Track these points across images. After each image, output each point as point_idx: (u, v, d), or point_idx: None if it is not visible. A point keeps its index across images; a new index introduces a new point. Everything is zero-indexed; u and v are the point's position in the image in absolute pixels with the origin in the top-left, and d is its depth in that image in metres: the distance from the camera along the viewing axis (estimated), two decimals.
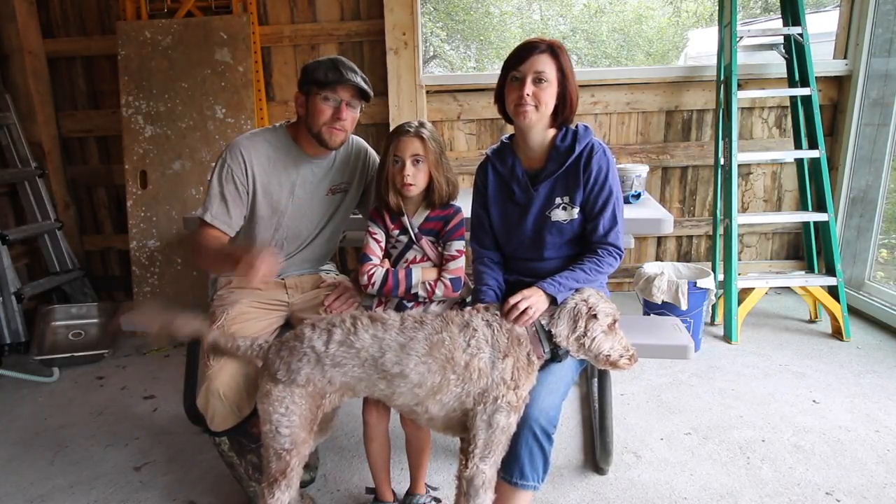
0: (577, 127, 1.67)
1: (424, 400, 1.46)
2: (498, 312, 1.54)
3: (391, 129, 2.98)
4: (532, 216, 1.68)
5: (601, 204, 1.62)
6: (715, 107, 3.45)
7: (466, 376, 1.44)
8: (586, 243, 1.68)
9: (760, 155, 3.37)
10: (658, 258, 3.81)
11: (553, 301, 1.54)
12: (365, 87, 1.78)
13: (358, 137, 2.03)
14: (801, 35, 3.04)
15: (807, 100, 3.09)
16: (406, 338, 1.45)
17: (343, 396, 1.53)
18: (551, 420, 1.44)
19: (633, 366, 1.56)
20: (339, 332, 1.47)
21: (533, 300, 1.52)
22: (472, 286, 1.78)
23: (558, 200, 1.65)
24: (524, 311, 1.50)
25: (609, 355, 1.52)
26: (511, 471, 1.45)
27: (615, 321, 1.54)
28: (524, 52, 1.58)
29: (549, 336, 1.52)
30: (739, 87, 3.18)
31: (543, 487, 1.54)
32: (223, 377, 1.64)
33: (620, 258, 1.65)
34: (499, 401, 1.42)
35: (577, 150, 1.61)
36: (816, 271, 3.30)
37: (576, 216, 1.65)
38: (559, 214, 1.66)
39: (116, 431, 2.39)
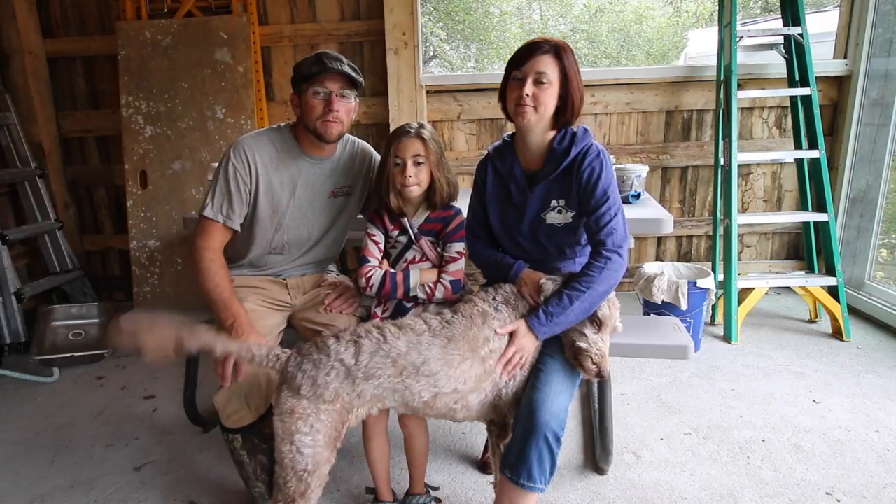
0: (576, 129, 1.66)
1: (466, 395, 1.49)
2: (505, 290, 1.61)
3: (391, 129, 2.98)
4: (528, 218, 1.67)
5: (593, 206, 1.58)
6: (715, 107, 3.46)
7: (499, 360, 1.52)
8: (590, 244, 1.67)
9: (760, 155, 3.37)
10: (658, 258, 3.81)
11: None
12: (352, 73, 1.76)
13: (363, 142, 2.02)
14: (801, 35, 3.04)
15: (807, 100, 3.09)
16: (444, 339, 1.46)
17: (371, 410, 1.49)
18: (561, 424, 1.44)
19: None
20: (368, 342, 1.42)
21: (523, 345, 1.54)
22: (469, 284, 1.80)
23: (553, 203, 1.64)
24: (517, 363, 1.55)
25: None
26: (519, 472, 1.44)
27: None
28: (527, 53, 1.57)
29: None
30: (739, 87, 3.18)
31: None
32: (247, 375, 1.63)
33: (620, 257, 1.55)
34: (523, 371, 1.54)
35: (573, 152, 1.60)
36: (816, 271, 3.30)
37: (570, 219, 1.64)
38: (554, 217, 1.65)
39: (116, 431, 2.39)
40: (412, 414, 1.61)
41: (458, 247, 1.74)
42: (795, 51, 3.13)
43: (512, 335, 1.54)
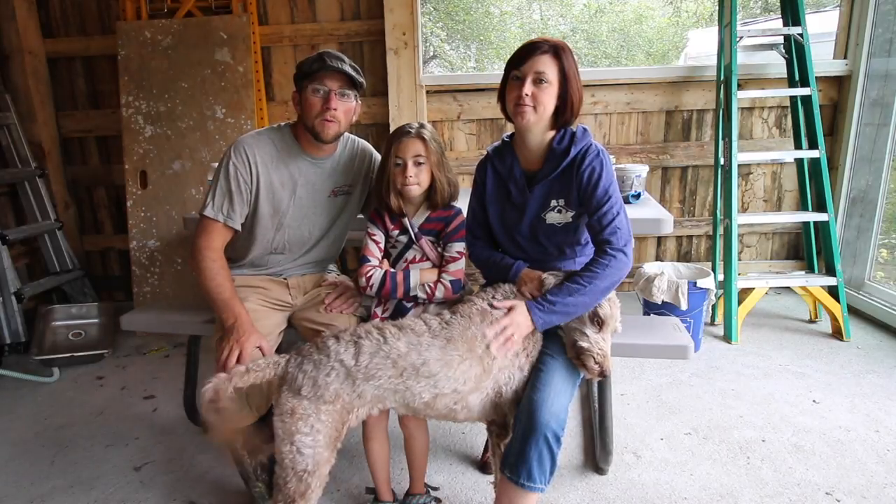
0: (575, 129, 1.66)
1: (466, 396, 1.49)
2: (504, 290, 1.61)
3: (391, 129, 2.98)
4: (528, 218, 1.67)
5: (595, 205, 1.58)
6: (715, 107, 3.45)
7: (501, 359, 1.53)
8: (594, 244, 1.67)
9: (760, 155, 3.37)
10: (658, 258, 3.81)
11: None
12: (352, 73, 1.76)
13: (363, 141, 2.02)
14: (801, 35, 3.04)
15: (807, 100, 3.09)
16: (443, 340, 1.46)
17: (372, 410, 1.49)
18: (561, 424, 1.44)
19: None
20: (369, 343, 1.43)
21: (516, 319, 1.53)
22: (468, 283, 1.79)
23: (553, 203, 1.64)
24: (509, 337, 1.53)
25: None
26: (518, 472, 1.44)
27: None
28: (526, 52, 1.57)
29: None
30: (739, 87, 3.18)
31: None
32: None
33: (625, 256, 1.55)
34: (524, 370, 1.55)
35: (573, 152, 1.60)
36: (816, 271, 3.30)
37: (570, 219, 1.64)
38: (553, 217, 1.65)
39: (116, 431, 2.39)
40: (413, 415, 1.61)
41: (459, 246, 1.74)
42: (795, 51, 3.13)
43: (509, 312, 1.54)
